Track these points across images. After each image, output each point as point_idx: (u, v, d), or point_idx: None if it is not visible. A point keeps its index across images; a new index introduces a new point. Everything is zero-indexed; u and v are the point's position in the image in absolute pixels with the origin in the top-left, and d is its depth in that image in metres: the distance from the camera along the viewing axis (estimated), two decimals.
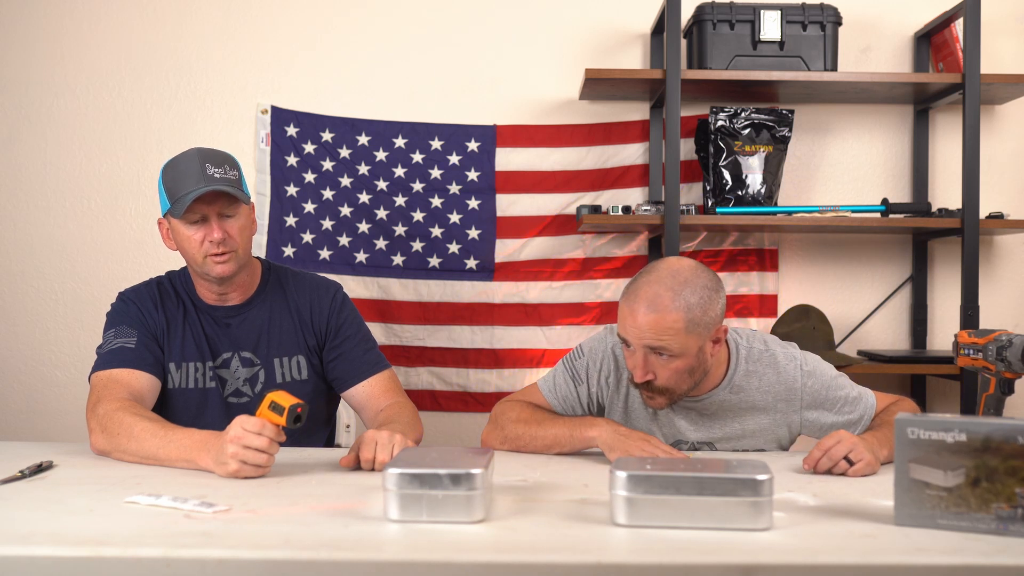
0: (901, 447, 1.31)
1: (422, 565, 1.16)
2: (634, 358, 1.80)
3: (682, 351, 1.77)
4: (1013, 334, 1.80)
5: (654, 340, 1.76)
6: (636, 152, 3.04)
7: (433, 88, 3.04)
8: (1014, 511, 1.24)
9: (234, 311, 2.01)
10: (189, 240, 1.91)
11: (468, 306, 3.04)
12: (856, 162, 3.06)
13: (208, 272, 1.92)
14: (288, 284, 2.06)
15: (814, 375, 1.93)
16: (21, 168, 3.03)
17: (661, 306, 1.75)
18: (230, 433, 1.59)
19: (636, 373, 1.80)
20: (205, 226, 1.89)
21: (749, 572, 1.14)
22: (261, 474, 1.60)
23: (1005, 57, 3.01)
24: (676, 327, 1.75)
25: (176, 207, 1.88)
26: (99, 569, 1.16)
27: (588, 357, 1.97)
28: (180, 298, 2.02)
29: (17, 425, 3.00)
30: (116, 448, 1.75)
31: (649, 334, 1.75)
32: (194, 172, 1.88)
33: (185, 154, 1.94)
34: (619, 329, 1.82)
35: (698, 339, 1.78)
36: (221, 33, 3.03)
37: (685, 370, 1.80)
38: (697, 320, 1.76)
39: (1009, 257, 3.06)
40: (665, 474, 1.29)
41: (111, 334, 1.95)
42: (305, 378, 2.03)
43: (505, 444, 1.90)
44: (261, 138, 3.01)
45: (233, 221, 1.92)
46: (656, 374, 1.79)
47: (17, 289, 3.03)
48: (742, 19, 2.77)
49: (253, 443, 1.58)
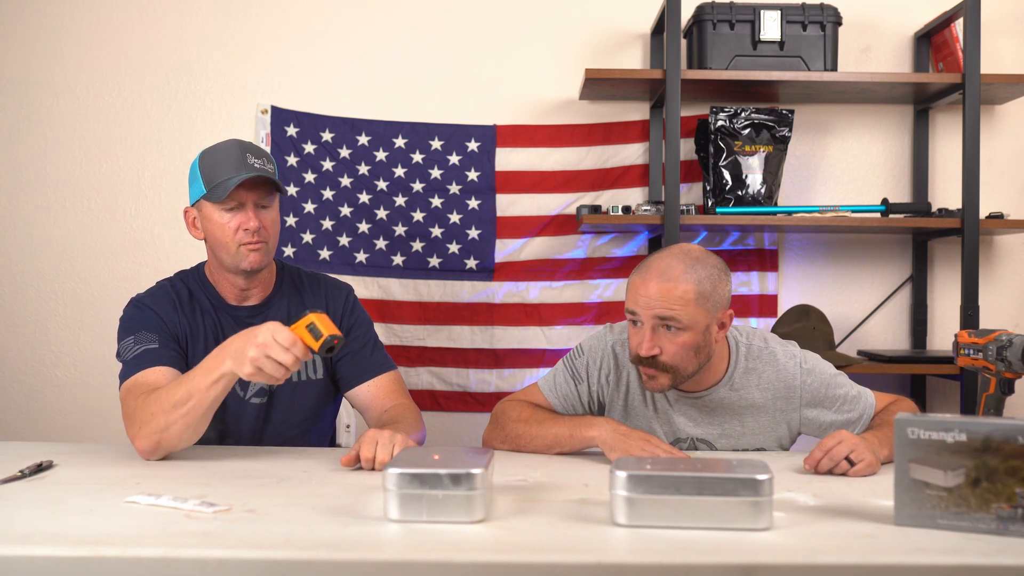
0: (901, 447, 1.31)
1: (422, 565, 1.16)
2: (641, 333, 1.81)
3: (691, 323, 1.78)
4: (1013, 334, 1.80)
5: (664, 309, 1.77)
6: (636, 152, 3.04)
7: (433, 88, 3.04)
8: (1014, 511, 1.24)
9: (255, 310, 1.99)
10: (223, 228, 1.89)
11: (468, 306, 3.04)
12: (856, 162, 3.06)
13: (239, 262, 1.90)
14: (303, 284, 2.07)
15: (813, 373, 1.93)
16: (21, 168, 3.03)
17: (673, 276, 1.78)
18: (259, 338, 1.59)
19: (643, 347, 1.80)
20: (240, 214, 1.88)
21: (749, 572, 1.14)
22: (271, 383, 1.62)
23: (1005, 57, 3.02)
24: (687, 297, 1.78)
25: (215, 191, 1.86)
26: (99, 569, 1.16)
27: (588, 356, 1.98)
28: (197, 300, 1.98)
29: (17, 425, 3.00)
30: (156, 442, 1.70)
31: (660, 303, 1.77)
32: (235, 159, 1.87)
33: (225, 143, 1.93)
34: (628, 303, 1.83)
35: (707, 315, 1.80)
36: (221, 33, 3.03)
37: (692, 346, 1.80)
38: (707, 294, 1.79)
39: (1009, 257, 3.06)
40: (665, 474, 1.29)
41: (130, 341, 1.88)
42: (320, 376, 2.03)
43: (506, 444, 1.90)
44: (261, 138, 3.01)
45: (267, 213, 1.92)
46: (662, 348, 1.80)
47: (17, 289, 3.03)
48: (742, 19, 2.78)
49: (278, 355, 1.58)
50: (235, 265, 1.91)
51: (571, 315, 3.04)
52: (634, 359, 1.85)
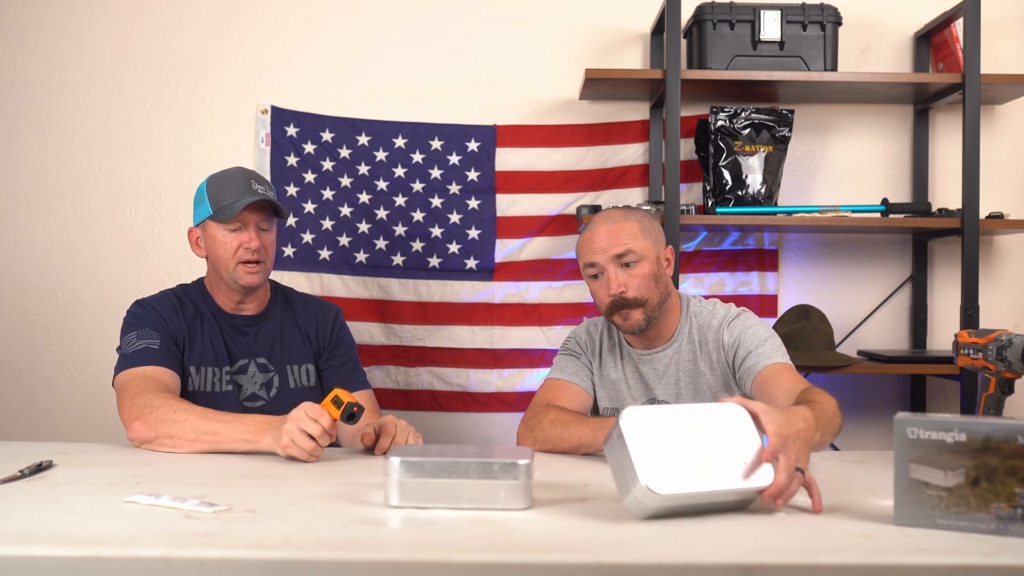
0: (901, 447, 1.31)
1: (422, 565, 1.16)
2: (604, 279, 2.01)
3: (644, 253, 2.01)
4: (1013, 334, 1.80)
5: (619, 246, 1.99)
6: (636, 152, 3.04)
7: (433, 88, 3.04)
8: (1014, 511, 1.24)
9: (252, 320, 2.16)
10: (225, 246, 2.07)
11: (468, 306, 3.04)
12: (856, 162, 3.06)
13: (237, 280, 2.08)
14: (295, 302, 2.25)
15: (741, 316, 2.07)
16: (21, 168, 3.03)
17: (617, 219, 2.04)
18: (293, 413, 1.74)
19: (612, 287, 1.99)
20: (243, 233, 2.07)
21: (749, 572, 1.14)
22: (308, 459, 1.73)
23: (1005, 57, 3.02)
24: (634, 231, 2.02)
25: (222, 212, 2.05)
26: (99, 569, 1.16)
27: (573, 337, 2.19)
28: (197, 307, 2.14)
29: (17, 425, 2.99)
30: (163, 435, 1.83)
31: (613, 243, 2.00)
32: (240, 185, 2.07)
33: (231, 170, 2.14)
34: (585, 259, 2.03)
35: (654, 246, 2.04)
36: (221, 33, 3.03)
37: (651, 276, 2.01)
38: (648, 229, 2.05)
39: (1009, 257, 3.06)
40: (433, 459, 1.38)
41: (132, 336, 2.03)
42: (313, 385, 2.19)
43: (537, 445, 1.96)
44: (261, 138, 3.01)
45: (267, 235, 2.11)
46: (627, 285, 1.99)
47: (17, 289, 3.03)
48: (742, 19, 2.78)
49: (308, 427, 1.72)
50: (233, 281, 2.09)
51: (571, 315, 3.04)
52: (606, 308, 2.03)
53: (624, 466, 1.31)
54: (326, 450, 1.97)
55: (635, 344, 2.12)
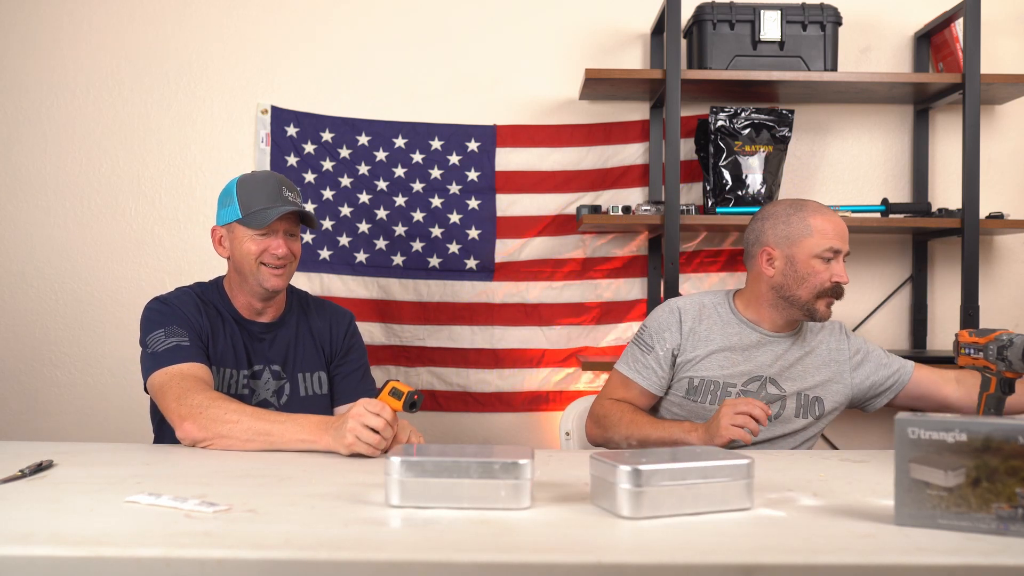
0: (902, 447, 1.31)
1: (422, 565, 1.16)
2: (837, 265, 2.12)
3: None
4: (1014, 334, 1.80)
5: (848, 245, 2.16)
6: (636, 152, 3.04)
7: (433, 88, 3.04)
8: (1014, 511, 1.24)
9: (268, 327, 2.16)
10: (251, 250, 2.07)
11: (468, 306, 3.04)
12: (856, 162, 3.06)
13: (260, 282, 2.08)
14: (309, 308, 2.24)
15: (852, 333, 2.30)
16: (21, 168, 3.03)
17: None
18: (352, 411, 1.75)
19: (845, 275, 2.12)
20: (270, 239, 2.07)
21: (749, 572, 1.14)
22: (373, 453, 1.75)
23: (1005, 57, 3.02)
24: None
25: (253, 218, 2.05)
26: (99, 569, 1.16)
27: (652, 328, 2.23)
28: (217, 309, 2.13)
29: (17, 425, 3.00)
30: (216, 435, 1.83)
31: (847, 239, 2.16)
32: (272, 192, 2.08)
33: (263, 173, 2.14)
34: (826, 244, 2.11)
35: None
36: (221, 33, 3.03)
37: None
38: None
39: (1009, 257, 3.06)
40: (434, 459, 1.37)
41: (160, 334, 2.01)
42: (325, 392, 2.19)
43: (622, 444, 2.06)
44: (261, 138, 3.01)
45: (294, 241, 2.12)
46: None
47: (17, 289, 3.03)
48: (742, 19, 2.78)
49: (370, 422, 1.74)
50: (257, 283, 2.08)
51: (571, 315, 3.04)
52: (828, 291, 2.12)
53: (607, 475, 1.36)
54: (326, 451, 1.97)
55: (766, 328, 2.22)
